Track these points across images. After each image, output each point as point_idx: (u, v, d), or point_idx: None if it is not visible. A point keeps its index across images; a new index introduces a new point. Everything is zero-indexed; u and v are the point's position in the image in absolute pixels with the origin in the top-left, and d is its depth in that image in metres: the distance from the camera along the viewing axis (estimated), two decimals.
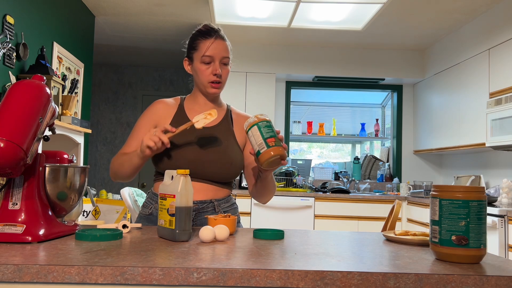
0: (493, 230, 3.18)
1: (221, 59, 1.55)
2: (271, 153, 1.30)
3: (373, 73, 5.30)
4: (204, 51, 1.53)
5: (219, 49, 1.55)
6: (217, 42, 1.55)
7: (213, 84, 1.56)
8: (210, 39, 1.54)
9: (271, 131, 1.34)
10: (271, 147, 1.31)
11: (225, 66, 1.58)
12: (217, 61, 1.55)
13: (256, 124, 1.34)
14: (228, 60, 1.58)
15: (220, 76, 1.56)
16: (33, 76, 1.20)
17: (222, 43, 1.56)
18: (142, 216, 1.61)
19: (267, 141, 1.31)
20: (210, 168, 1.53)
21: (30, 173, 1.13)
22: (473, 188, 1.00)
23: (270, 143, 1.31)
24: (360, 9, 3.99)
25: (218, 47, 1.54)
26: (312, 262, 0.95)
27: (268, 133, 1.33)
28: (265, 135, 1.32)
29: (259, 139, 1.32)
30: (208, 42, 1.54)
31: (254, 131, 1.34)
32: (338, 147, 6.32)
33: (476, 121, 4.07)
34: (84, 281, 0.85)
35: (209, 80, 1.56)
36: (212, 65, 1.55)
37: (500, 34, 3.79)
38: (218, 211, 1.57)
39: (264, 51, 5.23)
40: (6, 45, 2.72)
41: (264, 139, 1.32)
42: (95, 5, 4.27)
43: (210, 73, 1.55)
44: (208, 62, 1.54)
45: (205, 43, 1.54)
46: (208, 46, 1.53)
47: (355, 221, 4.65)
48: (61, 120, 3.34)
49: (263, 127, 1.33)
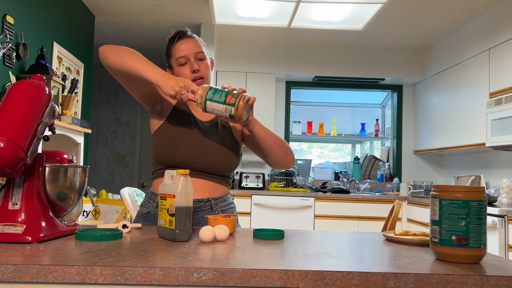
0: (493, 230, 3.18)
1: (195, 55, 1.58)
2: (240, 107, 1.32)
3: (373, 73, 5.30)
4: (176, 54, 1.57)
5: (189, 47, 1.57)
6: (185, 41, 1.58)
7: (196, 81, 1.58)
8: (179, 41, 1.58)
9: (222, 93, 1.33)
10: (235, 104, 1.32)
11: (201, 61, 1.59)
12: (192, 58, 1.57)
13: (207, 100, 1.33)
14: (204, 55, 1.60)
15: (198, 71, 1.57)
16: (33, 76, 1.20)
17: (191, 41, 1.59)
18: (140, 215, 1.62)
19: (227, 103, 1.32)
20: (207, 159, 1.54)
21: (30, 173, 1.13)
22: (473, 188, 1.00)
23: (231, 102, 1.32)
24: (360, 9, 3.99)
25: (188, 45, 1.58)
26: (312, 262, 0.95)
27: (221, 97, 1.32)
28: (220, 100, 1.32)
29: (220, 107, 1.33)
30: (178, 44, 1.58)
31: (210, 105, 1.33)
32: (338, 147, 6.32)
33: (476, 121, 4.07)
34: (84, 281, 0.85)
35: (190, 78, 1.57)
36: (189, 64, 1.57)
37: (500, 34, 3.79)
38: (215, 210, 1.57)
39: (264, 51, 5.23)
40: (6, 45, 2.72)
41: (223, 102, 1.32)
42: (95, 5, 4.27)
43: (189, 71, 1.57)
44: (184, 62, 1.57)
45: (175, 46, 1.58)
46: (179, 47, 1.57)
47: (355, 221, 4.65)
48: (61, 120, 3.34)
49: (213, 97, 1.33)
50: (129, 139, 6.57)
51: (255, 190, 4.83)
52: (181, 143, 1.54)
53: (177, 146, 1.54)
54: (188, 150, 1.53)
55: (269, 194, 4.67)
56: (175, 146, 1.54)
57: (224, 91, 1.34)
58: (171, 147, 1.54)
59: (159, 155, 1.55)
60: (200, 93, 1.33)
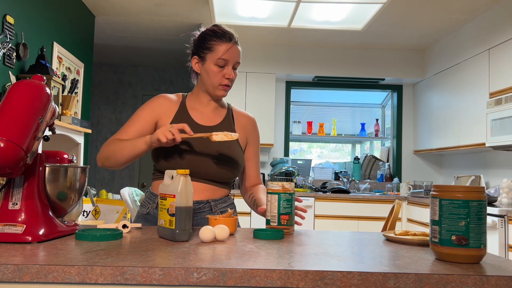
0: (493, 230, 3.18)
1: (234, 64, 1.57)
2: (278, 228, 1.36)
3: (373, 73, 5.30)
4: (220, 54, 1.53)
5: (235, 55, 1.56)
6: (234, 47, 1.56)
7: (224, 87, 1.58)
8: (228, 43, 1.54)
9: (289, 207, 1.37)
10: (281, 225, 1.36)
11: (235, 70, 1.60)
12: (230, 65, 1.56)
13: (278, 194, 1.37)
14: (239, 65, 1.61)
15: (232, 80, 1.58)
16: (33, 76, 1.20)
17: (237, 49, 1.57)
18: (140, 215, 1.62)
19: (280, 218, 1.36)
20: (211, 168, 1.53)
21: (30, 173, 1.13)
22: (473, 188, 1.00)
23: (282, 221, 1.36)
24: (360, 9, 3.99)
25: (235, 52, 1.56)
26: (312, 262, 0.95)
27: (285, 208, 1.37)
28: (281, 210, 1.36)
29: (274, 211, 1.37)
30: (225, 46, 1.54)
31: (273, 198, 1.38)
32: (338, 147, 6.32)
33: (476, 121, 4.07)
34: (84, 281, 0.85)
35: (220, 82, 1.56)
36: (226, 69, 1.55)
37: (500, 34, 3.79)
38: (214, 212, 1.56)
39: (264, 51, 5.23)
40: (6, 45, 2.72)
41: (279, 214, 1.36)
42: (95, 5, 4.27)
43: (223, 76, 1.56)
44: (223, 65, 1.55)
45: (222, 46, 1.54)
46: (226, 50, 1.53)
47: (355, 221, 4.65)
48: (61, 120, 3.34)
49: (283, 201, 1.37)
50: None
51: None
52: (182, 153, 1.52)
53: (178, 156, 1.52)
54: (189, 159, 1.52)
55: None
56: (175, 156, 1.52)
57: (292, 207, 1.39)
58: (171, 157, 1.52)
59: (160, 164, 1.54)
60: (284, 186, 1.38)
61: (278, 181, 4.94)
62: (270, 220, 1.37)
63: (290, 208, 1.37)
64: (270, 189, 1.38)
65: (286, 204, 1.36)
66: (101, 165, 1.53)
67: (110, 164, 1.51)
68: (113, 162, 1.49)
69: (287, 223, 1.36)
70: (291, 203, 1.38)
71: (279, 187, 1.37)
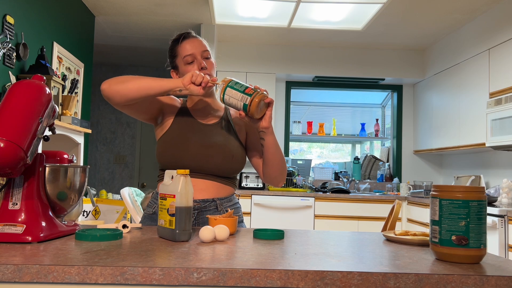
0: (493, 230, 3.18)
1: (201, 53, 1.59)
2: (255, 99, 1.35)
3: (373, 73, 5.30)
4: (183, 53, 1.58)
5: (196, 46, 1.59)
6: (191, 40, 1.60)
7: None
8: (185, 40, 1.60)
9: (243, 84, 1.39)
10: (252, 94, 1.36)
11: (207, 59, 1.61)
12: (198, 56, 1.58)
13: (227, 86, 1.38)
14: (209, 53, 1.62)
15: (206, 68, 1.58)
16: (33, 76, 1.20)
17: (196, 40, 1.61)
18: (146, 215, 1.63)
19: (245, 92, 1.36)
20: (212, 162, 1.55)
21: (30, 173, 1.13)
22: (473, 188, 1.00)
23: (249, 92, 1.36)
24: (360, 9, 3.99)
25: (194, 44, 1.59)
26: (312, 262, 0.95)
27: (241, 87, 1.38)
28: (240, 89, 1.37)
29: (238, 95, 1.37)
30: (184, 43, 1.59)
31: (229, 92, 1.38)
32: (338, 147, 6.32)
33: (476, 121, 4.07)
34: (84, 281, 0.85)
35: None
36: (196, 62, 1.58)
37: (500, 34, 3.79)
38: (220, 210, 1.57)
39: (264, 51, 5.23)
40: (6, 45, 2.72)
41: (242, 91, 1.36)
42: (95, 5, 4.27)
43: (196, 69, 1.57)
44: (191, 61, 1.58)
45: (181, 45, 1.59)
46: (185, 47, 1.58)
47: (355, 221, 4.65)
48: (61, 120, 3.34)
49: (235, 85, 1.38)
50: (129, 139, 6.57)
51: (255, 190, 4.83)
52: (185, 148, 1.55)
53: (182, 150, 1.54)
54: (192, 154, 1.54)
55: (269, 194, 4.67)
56: (179, 151, 1.54)
57: (245, 84, 1.40)
58: (175, 152, 1.54)
59: (164, 161, 1.56)
60: (223, 80, 1.40)
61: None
62: (244, 104, 1.36)
63: (244, 84, 1.39)
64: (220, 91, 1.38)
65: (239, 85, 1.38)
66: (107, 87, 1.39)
67: (118, 89, 1.39)
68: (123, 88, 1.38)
69: (253, 90, 1.36)
70: (240, 83, 1.39)
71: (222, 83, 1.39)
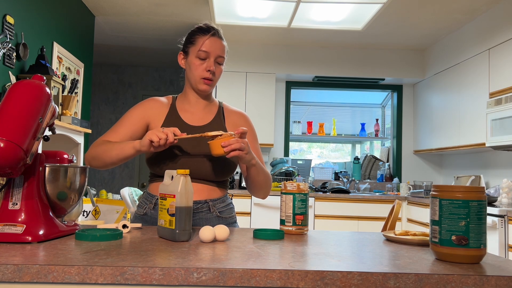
0: (493, 230, 3.18)
1: (216, 57, 1.56)
2: (292, 230, 1.37)
3: (373, 73, 5.30)
4: (200, 46, 1.54)
5: (216, 47, 1.55)
6: (214, 39, 1.56)
7: (205, 80, 1.56)
8: (211, 37, 1.55)
9: (304, 207, 1.38)
10: (295, 225, 1.36)
11: (219, 65, 1.58)
12: (212, 58, 1.55)
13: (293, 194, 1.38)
14: (223, 60, 1.59)
15: (213, 73, 1.56)
16: (33, 76, 1.20)
17: (219, 42, 1.57)
18: (137, 216, 1.61)
19: (295, 218, 1.37)
20: (203, 167, 1.53)
21: (30, 173, 1.13)
22: (473, 188, 1.00)
23: (297, 221, 1.37)
24: (360, 9, 3.99)
25: (215, 44, 1.55)
26: (312, 262, 0.95)
27: (300, 208, 1.37)
28: (296, 210, 1.37)
29: (289, 211, 1.37)
30: (208, 38, 1.55)
31: (287, 198, 1.38)
32: (338, 147, 6.32)
33: (476, 121, 4.07)
34: (84, 281, 0.85)
35: (202, 75, 1.56)
36: (207, 61, 1.55)
37: (500, 34, 3.79)
38: (213, 212, 1.56)
39: (264, 51, 5.23)
40: (6, 45, 2.72)
41: (294, 214, 1.37)
42: (95, 5, 4.27)
43: (204, 68, 1.55)
44: (204, 58, 1.55)
45: (203, 38, 1.55)
46: (205, 42, 1.54)
47: (355, 221, 4.65)
48: (61, 120, 3.34)
49: (298, 201, 1.37)
50: None
51: None
52: (173, 157, 1.52)
53: (170, 160, 1.52)
54: (181, 163, 1.51)
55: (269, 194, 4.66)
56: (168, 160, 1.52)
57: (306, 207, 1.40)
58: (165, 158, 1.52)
59: (154, 168, 1.55)
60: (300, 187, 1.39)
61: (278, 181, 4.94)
62: (284, 220, 1.37)
63: (305, 208, 1.38)
64: (285, 190, 1.38)
65: (301, 204, 1.37)
66: (88, 164, 1.52)
67: (97, 164, 1.50)
68: (100, 163, 1.49)
69: (302, 223, 1.36)
70: (305, 203, 1.38)
71: (294, 187, 1.37)
